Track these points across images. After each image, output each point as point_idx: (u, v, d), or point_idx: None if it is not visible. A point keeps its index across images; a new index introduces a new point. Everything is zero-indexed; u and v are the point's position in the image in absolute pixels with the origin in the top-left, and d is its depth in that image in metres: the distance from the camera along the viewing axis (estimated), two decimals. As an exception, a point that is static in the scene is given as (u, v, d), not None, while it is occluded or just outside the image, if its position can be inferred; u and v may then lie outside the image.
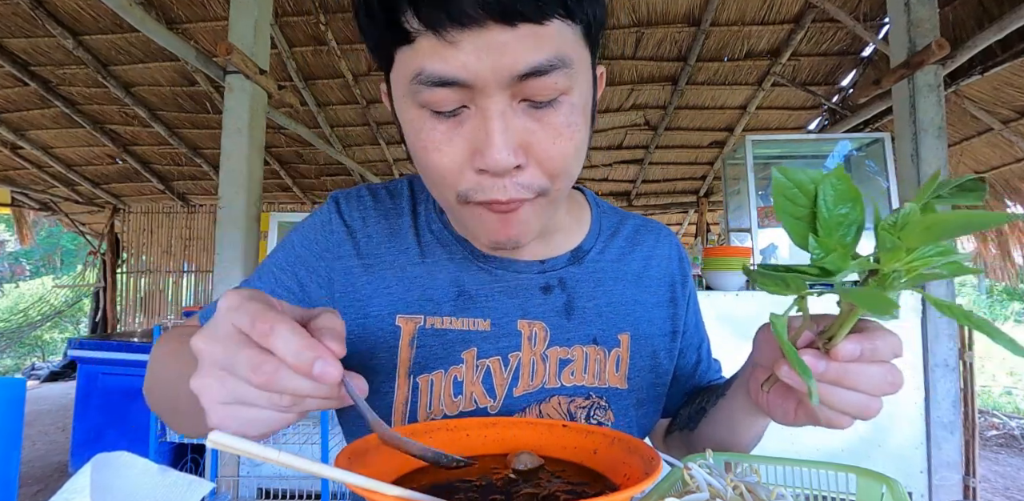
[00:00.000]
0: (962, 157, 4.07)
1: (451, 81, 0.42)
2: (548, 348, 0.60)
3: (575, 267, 0.63)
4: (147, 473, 0.38)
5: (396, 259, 0.60)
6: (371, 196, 0.63)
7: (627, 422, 0.63)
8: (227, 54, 2.36)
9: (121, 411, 3.13)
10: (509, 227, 0.50)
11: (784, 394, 0.48)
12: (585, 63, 0.47)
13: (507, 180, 0.46)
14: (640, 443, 0.43)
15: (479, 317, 0.59)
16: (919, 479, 2.32)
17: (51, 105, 4.62)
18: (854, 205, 0.35)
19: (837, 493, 0.47)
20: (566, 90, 0.45)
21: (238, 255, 2.50)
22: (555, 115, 0.46)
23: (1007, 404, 5.69)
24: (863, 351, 0.39)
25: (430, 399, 0.57)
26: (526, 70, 0.42)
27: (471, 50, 0.41)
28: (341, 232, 0.60)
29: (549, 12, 0.42)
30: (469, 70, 0.42)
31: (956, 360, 2.34)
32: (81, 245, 8.82)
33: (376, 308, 0.58)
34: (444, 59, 0.42)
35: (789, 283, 0.37)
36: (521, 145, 0.45)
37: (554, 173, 0.48)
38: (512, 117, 0.44)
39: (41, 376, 6.87)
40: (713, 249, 2.54)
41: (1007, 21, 2.41)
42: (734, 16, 3.85)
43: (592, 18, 0.46)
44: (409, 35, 0.43)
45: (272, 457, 0.32)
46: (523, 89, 0.43)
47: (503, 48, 0.41)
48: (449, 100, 0.44)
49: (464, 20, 0.40)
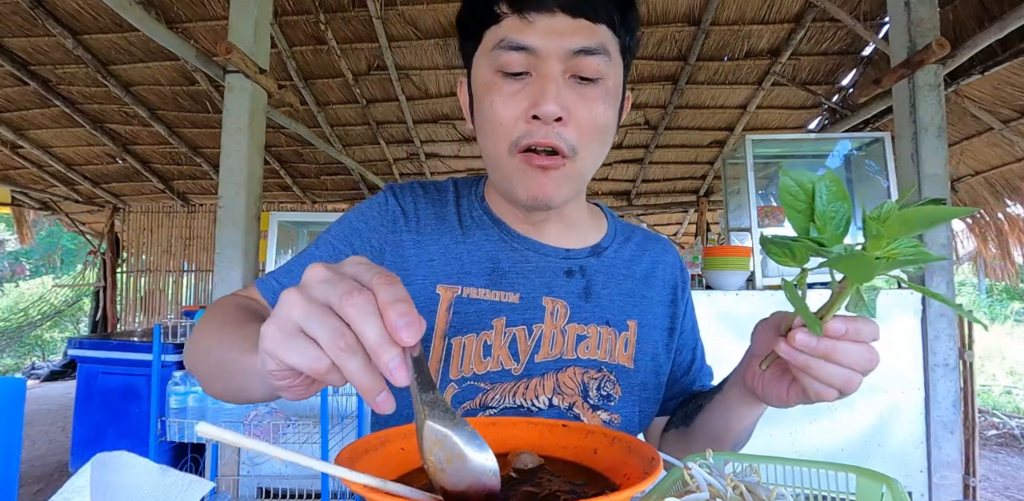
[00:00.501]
0: (962, 157, 4.07)
1: (524, 47, 0.58)
2: (567, 324, 0.68)
3: (594, 259, 0.73)
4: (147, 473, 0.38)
5: (440, 237, 0.69)
6: (421, 188, 0.75)
7: (631, 400, 0.70)
8: (227, 53, 2.36)
9: (121, 411, 3.13)
10: (545, 184, 0.61)
11: (778, 378, 0.56)
12: (619, 68, 0.63)
13: (550, 128, 0.59)
14: (640, 443, 0.43)
15: (509, 291, 0.68)
16: (919, 478, 2.32)
17: (51, 104, 4.62)
18: (843, 203, 0.44)
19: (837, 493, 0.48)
20: (604, 75, 0.60)
21: (238, 254, 2.50)
22: (593, 91, 0.60)
23: (1007, 404, 5.69)
24: (848, 330, 0.46)
25: (462, 359, 0.65)
26: (578, 48, 0.58)
27: (542, 28, 0.58)
28: (396, 211, 0.70)
29: (600, 17, 0.60)
30: (539, 41, 0.58)
31: (956, 360, 2.34)
32: (81, 244, 8.83)
33: (420, 277, 0.67)
34: (522, 32, 0.58)
35: (795, 252, 0.45)
36: (565, 106, 0.58)
37: (583, 137, 0.60)
38: (562, 85, 0.59)
39: (41, 376, 6.87)
40: (713, 249, 2.54)
41: (1007, 21, 2.41)
42: (734, 15, 3.85)
43: (627, 41, 0.64)
44: (498, 17, 0.60)
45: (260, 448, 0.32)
46: (574, 64, 0.59)
47: (564, 30, 0.58)
48: (519, 63, 0.59)
49: (541, 8, 0.58)
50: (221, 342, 0.52)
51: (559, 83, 0.58)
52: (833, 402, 0.51)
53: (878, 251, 0.42)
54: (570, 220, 0.73)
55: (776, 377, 0.56)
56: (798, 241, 0.44)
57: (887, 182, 2.88)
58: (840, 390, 0.49)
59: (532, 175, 0.61)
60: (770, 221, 3.01)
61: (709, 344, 0.88)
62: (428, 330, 0.63)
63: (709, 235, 5.21)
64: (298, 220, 4.84)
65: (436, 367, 0.65)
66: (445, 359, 0.65)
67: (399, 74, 4.36)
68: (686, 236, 7.38)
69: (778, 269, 2.99)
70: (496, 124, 0.60)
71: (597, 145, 0.62)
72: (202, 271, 6.57)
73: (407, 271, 0.67)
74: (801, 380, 0.51)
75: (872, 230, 0.41)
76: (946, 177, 2.40)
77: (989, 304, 9.44)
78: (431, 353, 0.65)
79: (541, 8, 0.58)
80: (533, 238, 0.71)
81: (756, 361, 0.57)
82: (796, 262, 0.46)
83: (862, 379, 0.49)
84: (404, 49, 4.13)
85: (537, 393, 0.65)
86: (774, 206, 3.16)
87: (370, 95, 4.68)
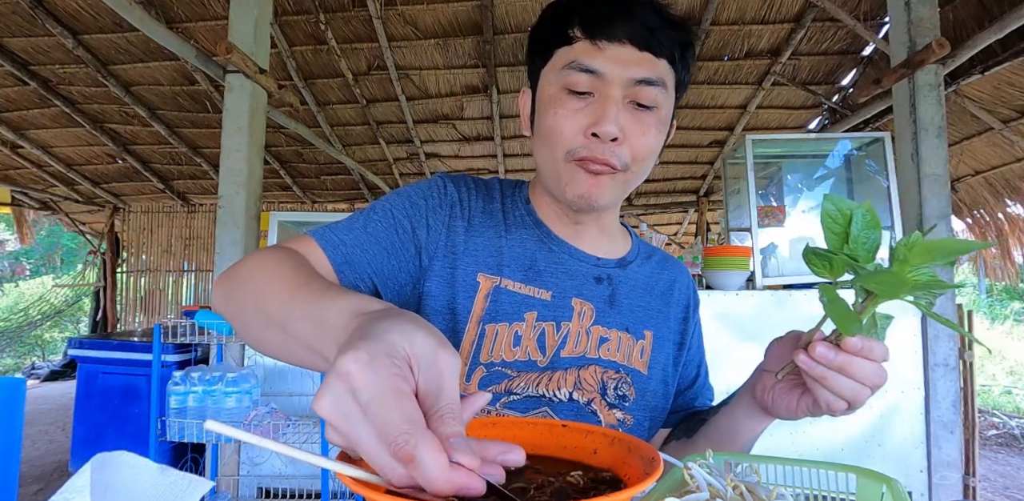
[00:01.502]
0: (962, 157, 4.07)
1: (592, 70, 0.63)
2: (592, 325, 0.73)
3: (620, 270, 0.78)
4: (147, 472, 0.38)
5: (486, 230, 0.74)
6: (472, 181, 0.79)
7: (644, 404, 0.75)
8: (227, 53, 2.36)
9: (121, 411, 3.13)
10: (593, 187, 0.66)
11: (789, 390, 0.60)
12: (671, 101, 0.68)
13: (607, 146, 0.64)
14: (640, 443, 0.43)
15: (543, 288, 0.72)
16: (919, 478, 2.32)
17: (51, 104, 4.62)
18: (875, 231, 0.49)
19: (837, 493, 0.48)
20: (659, 105, 0.65)
21: (238, 254, 2.50)
22: (648, 117, 0.65)
23: (1007, 404, 5.69)
24: (863, 347, 0.51)
25: (493, 344, 0.68)
26: (641, 78, 0.63)
27: (610, 55, 0.63)
28: (454, 198, 0.74)
29: (663, 52, 0.65)
30: (606, 67, 0.63)
31: (956, 360, 2.34)
32: (81, 244, 8.83)
33: (464, 264, 0.71)
34: (592, 56, 0.64)
35: (833, 265, 0.50)
36: (622, 129, 0.63)
37: (636, 157, 0.66)
38: (622, 108, 0.64)
39: (41, 376, 6.87)
40: (713, 249, 2.54)
41: (1007, 20, 2.41)
42: (734, 15, 3.85)
43: (682, 77, 0.69)
44: (571, 39, 0.65)
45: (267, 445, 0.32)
46: (634, 92, 0.64)
47: (630, 60, 0.63)
48: (585, 84, 0.64)
49: (612, 37, 0.63)
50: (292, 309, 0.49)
51: (619, 107, 0.63)
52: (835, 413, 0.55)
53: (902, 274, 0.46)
54: (605, 229, 0.78)
55: (787, 389, 0.60)
56: (838, 255, 0.49)
57: (887, 182, 2.88)
58: (850, 402, 0.53)
59: (584, 177, 0.66)
60: (770, 221, 3.01)
61: (709, 344, 0.90)
62: (465, 314, 0.68)
63: (709, 235, 5.20)
64: (298, 220, 4.83)
65: (469, 349, 0.68)
66: (478, 342, 0.68)
67: (399, 74, 4.36)
68: (686, 236, 7.38)
69: (778, 269, 2.99)
70: (557, 134, 0.65)
71: (645, 164, 0.68)
72: (202, 271, 6.57)
73: (455, 255, 0.71)
74: (814, 391, 0.55)
75: (900, 255, 0.46)
76: (946, 177, 2.40)
77: (989, 304, 9.44)
78: (465, 336, 0.68)
79: (612, 38, 0.63)
80: (570, 243, 0.76)
81: (768, 375, 0.61)
82: (832, 274, 0.51)
83: (870, 394, 0.53)
84: (404, 49, 4.13)
85: (560, 386, 0.69)
86: (774, 206, 3.16)
87: (370, 95, 4.68)
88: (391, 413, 0.30)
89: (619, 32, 0.63)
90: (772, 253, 3.03)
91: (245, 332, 0.57)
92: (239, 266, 0.60)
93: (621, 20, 0.63)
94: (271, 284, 0.54)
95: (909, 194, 2.46)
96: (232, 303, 0.58)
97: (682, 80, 0.69)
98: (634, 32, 0.63)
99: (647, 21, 0.64)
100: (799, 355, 0.53)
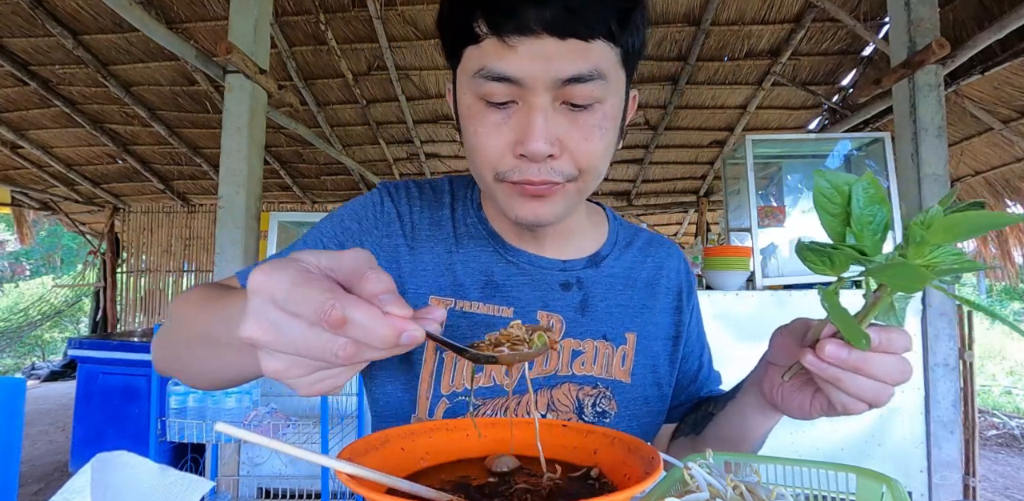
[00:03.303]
0: (962, 157, 4.07)
1: (506, 78, 0.51)
2: (563, 339, 0.66)
3: (592, 270, 0.70)
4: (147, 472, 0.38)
5: (435, 246, 0.67)
6: (416, 188, 0.71)
7: (628, 414, 0.68)
8: (227, 54, 2.36)
9: (121, 411, 3.13)
10: (536, 208, 0.57)
11: (799, 388, 0.53)
12: (620, 82, 0.56)
13: (541, 165, 0.54)
14: (640, 443, 0.43)
15: (503, 305, 0.66)
16: (919, 478, 2.32)
17: (51, 105, 4.62)
18: (881, 206, 0.41)
19: (837, 493, 0.47)
20: (600, 99, 0.54)
21: (238, 254, 2.50)
22: (588, 118, 0.54)
23: (1007, 404, 5.69)
24: (880, 341, 0.44)
25: (453, 373, 0.63)
26: (568, 76, 0.51)
27: (526, 54, 0.51)
28: (392, 214, 0.67)
29: (594, 33, 0.51)
30: (523, 71, 0.51)
31: (956, 360, 2.34)
32: (81, 245, 8.82)
33: (412, 286, 0.65)
34: (504, 59, 0.51)
35: (834, 260, 0.43)
36: (557, 139, 0.53)
37: (582, 167, 0.56)
38: (552, 114, 0.53)
39: (41, 376, 6.87)
40: (713, 249, 2.54)
41: (1007, 21, 2.41)
42: (734, 15, 3.85)
43: (631, 46, 0.55)
44: (477, 37, 0.52)
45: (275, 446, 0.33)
46: (564, 92, 0.52)
47: (552, 56, 0.50)
48: (502, 93, 0.53)
49: (524, 30, 0.50)
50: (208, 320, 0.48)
51: (548, 114, 0.52)
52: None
53: (920, 259, 0.39)
54: (569, 230, 0.70)
55: (797, 388, 0.53)
56: (838, 249, 0.42)
57: (887, 182, 2.88)
58: (870, 403, 0.47)
59: (524, 201, 0.57)
60: (770, 221, 3.00)
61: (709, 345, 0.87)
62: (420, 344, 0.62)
63: (709, 235, 5.20)
64: (298, 220, 4.84)
65: (428, 381, 0.63)
66: (436, 372, 0.63)
67: (399, 74, 4.36)
68: (686, 236, 7.38)
69: (778, 269, 2.99)
70: (480, 154, 0.56)
71: (597, 171, 0.58)
72: (202, 271, 6.57)
73: (400, 279, 0.65)
74: (828, 393, 0.48)
75: (916, 236, 0.39)
76: (946, 177, 2.40)
77: (989, 304, 9.44)
78: (422, 367, 0.63)
79: (524, 31, 0.50)
80: (529, 250, 0.69)
81: (774, 370, 0.55)
82: (834, 271, 0.43)
83: (893, 392, 0.47)
84: (404, 49, 4.13)
85: (531, 409, 0.64)
86: (774, 206, 3.16)
87: (370, 95, 4.68)
88: (310, 293, 0.30)
89: (531, 22, 0.49)
90: (772, 253, 3.03)
91: (188, 372, 0.55)
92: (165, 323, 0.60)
93: (531, 5, 0.49)
94: (186, 311, 0.54)
95: (909, 194, 2.46)
96: (167, 349, 0.58)
97: (632, 49, 0.56)
98: (550, 18, 0.49)
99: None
100: (806, 356, 0.46)
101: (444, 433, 0.49)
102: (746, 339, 2.38)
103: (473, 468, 0.46)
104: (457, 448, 0.49)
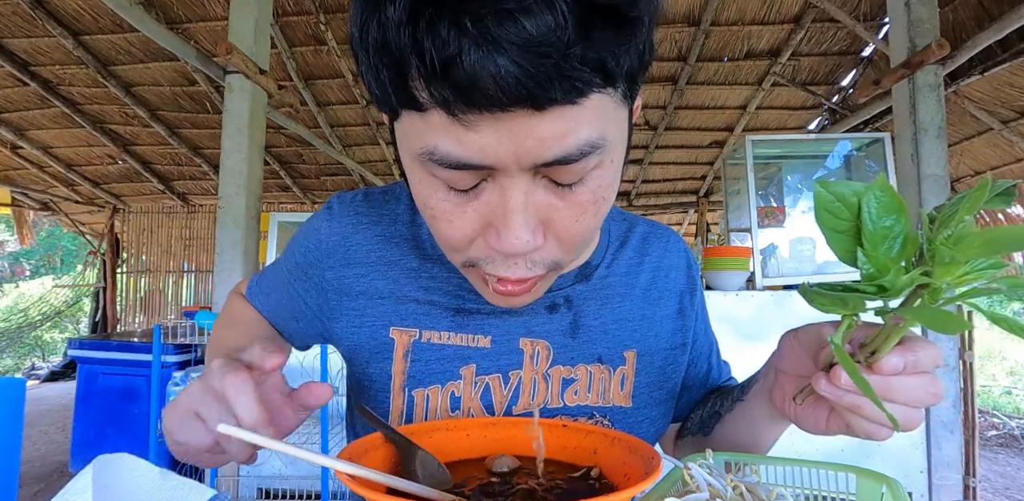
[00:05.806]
0: (962, 157, 4.07)
1: (466, 165, 0.36)
2: (551, 367, 0.57)
3: (582, 285, 0.60)
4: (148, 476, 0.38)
5: (388, 270, 0.57)
6: (365, 200, 0.60)
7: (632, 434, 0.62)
8: (227, 54, 2.36)
9: (121, 411, 3.13)
10: (512, 300, 0.47)
11: (815, 403, 0.47)
12: (622, 126, 0.41)
13: (519, 258, 0.42)
14: (640, 443, 0.43)
15: (479, 334, 0.56)
16: (919, 479, 2.32)
17: (51, 105, 4.62)
18: (899, 217, 0.34)
19: (837, 493, 0.48)
20: (598, 166, 0.40)
21: (238, 255, 2.50)
22: (581, 194, 0.40)
23: (1007, 404, 5.69)
24: (906, 364, 0.38)
25: (426, 413, 0.55)
26: (553, 159, 0.36)
27: (491, 134, 0.35)
28: (331, 241, 0.58)
29: (585, 88, 0.34)
30: (488, 155, 0.36)
31: (956, 360, 2.34)
32: (81, 245, 8.82)
33: (369, 319, 0.57)
34: (459, 141, 0.35)
35: (848, 302, 0.36)
36: (541, 223, 0.41)
37: (571, 248, 0.44)
38: (533, 194, 0.39)
39: (41, 376, 6.86)
40: (713, 249, 2.54)
41: (1007, 21, 2.41)
42: (734, 16, 3.85)
43: (638, 67, 0.38)
44: (420, 106, 0.35)
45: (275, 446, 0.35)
46: (545, 172, 0.38)
47: (528, 133, 0.34)
48: (465, 180, 0.38)
49: (484, 104, 0.33)
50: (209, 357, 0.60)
51: (528, 195, 0.38)
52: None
53: (948, 278, 0.33)
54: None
55: (812, 403, 0.47)
56: (851, 291, 0.35)
57: (887, 182, 2.88)
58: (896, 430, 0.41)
59: (497, 294, 0.46)
60: (770, 221, 3.01)
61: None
62: (385, 381, 0.56)
63: (709, 235, 5.21)
64: (298, 221, 4.83)
65: (398, 422, 0.56)
66: (407, 414, 0.55)
67: (399, 75, 4.35)
68: (686, 236, 7.39)
69: (778, 269, 2.99)
70: (444, 240, 0.44)
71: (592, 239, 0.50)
72: (202, 271, 6.57)
73: (355, 311, 0.57)
74: (848, 420, 0.43)
75: (944, 257, 0.32)
76: (946, 177, 2.40)
77: (989, 304, 9.44)
78: (391, 406, 0.56)
79: (484, 105, 0.33)
80: None
81: (785, 379, 0.49)
82: (849, 310, 0.38)
83: (923, 416, 0.41)
84: (404, 50, 4.12)
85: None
86: (774, 206, 3.17)
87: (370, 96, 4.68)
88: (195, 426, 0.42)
89: (493, 90, 0.32)
90: (772, 253, 3.04)
91: None
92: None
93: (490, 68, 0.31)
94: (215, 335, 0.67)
95: (909, 195, 2.46)
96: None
97: (636, 75, 0.39)
98: (520, 83, 0.32)
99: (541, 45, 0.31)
100: (820, 382, 0.40)
101: (444, 433, 0.49)
102: (746, 339, 2.38)
103: (473, 468, 0.46)
104: (457, 448, 0.49)
